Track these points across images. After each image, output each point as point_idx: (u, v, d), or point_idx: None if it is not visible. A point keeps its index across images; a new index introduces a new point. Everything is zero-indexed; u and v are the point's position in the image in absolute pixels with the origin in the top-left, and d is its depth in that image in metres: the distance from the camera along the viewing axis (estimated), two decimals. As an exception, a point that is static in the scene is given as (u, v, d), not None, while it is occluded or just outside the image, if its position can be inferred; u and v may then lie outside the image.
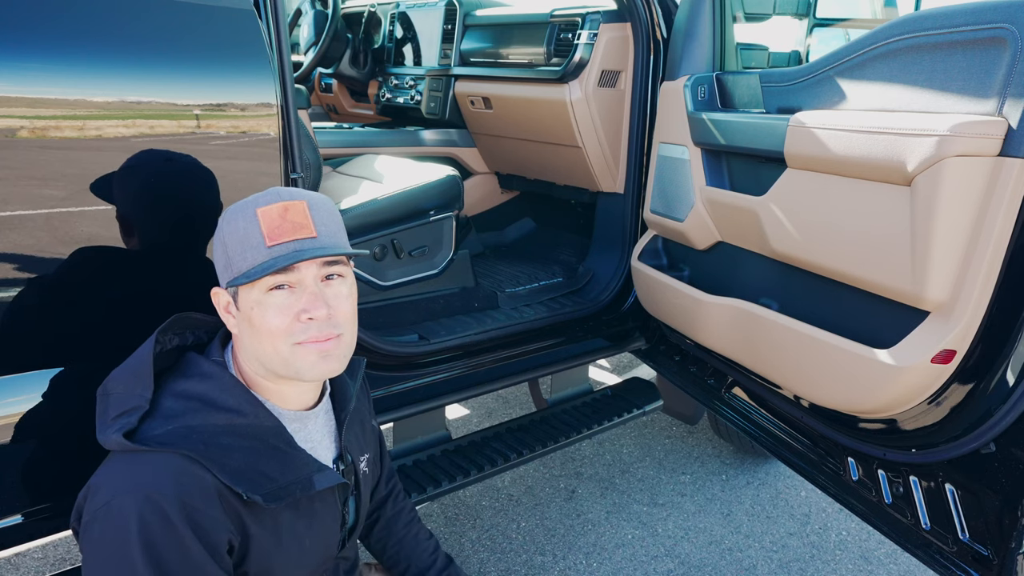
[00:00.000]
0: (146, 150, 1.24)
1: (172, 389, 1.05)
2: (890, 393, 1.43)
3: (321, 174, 2.20)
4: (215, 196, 1.32)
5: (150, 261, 1.32)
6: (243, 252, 1.03)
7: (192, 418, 1.01)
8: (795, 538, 2.45)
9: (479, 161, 3.12)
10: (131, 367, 1.05)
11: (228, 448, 1.01)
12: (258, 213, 1.03)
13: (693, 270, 2.11)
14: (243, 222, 1.04)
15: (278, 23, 1.37)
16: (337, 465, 1.19)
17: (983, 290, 1.30)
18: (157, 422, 1.00)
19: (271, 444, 1.06)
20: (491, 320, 2.22)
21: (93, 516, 0.94)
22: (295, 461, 1.08)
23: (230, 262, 1.05)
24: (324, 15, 3.09)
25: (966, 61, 1.29)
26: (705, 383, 2.19)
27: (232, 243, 1.04)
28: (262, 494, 1.00)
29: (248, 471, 1.01)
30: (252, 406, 1.06)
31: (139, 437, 0.98)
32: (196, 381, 1.05)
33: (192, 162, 1.30)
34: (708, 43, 2.01)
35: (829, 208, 1.51)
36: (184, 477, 0.95)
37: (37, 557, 2.23)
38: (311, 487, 1.07)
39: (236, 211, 1.06)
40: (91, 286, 1.28)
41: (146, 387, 1.02)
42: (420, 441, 2.07)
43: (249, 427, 1.04)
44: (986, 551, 1.41)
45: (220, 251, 1.07)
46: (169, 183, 1.31)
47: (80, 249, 1.22)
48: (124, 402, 1.01)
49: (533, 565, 2.28)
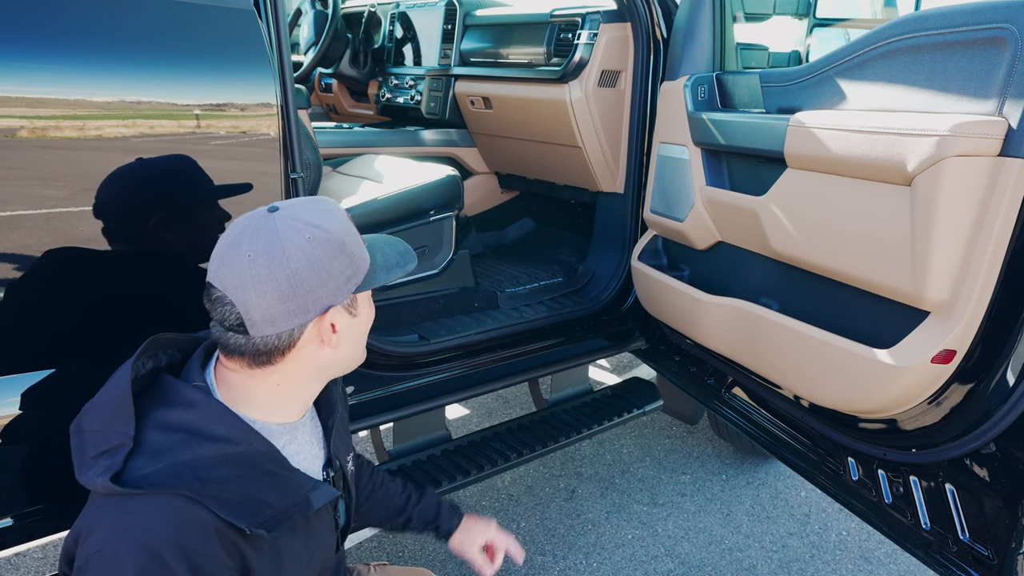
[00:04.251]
0: (141, 150, 1.24)
1: (156, 420, 0.97)
2: (890, 393, 1.43)
3: (321, 174, 2.20)
4: (216, 197, 1.32)
5: (149, 261, 1.32)
6: (363, 252, 1.03)
7: (182, 452, 0.94)
8: (795, 538, 2.45)
9: (479, 161, 3.12)
10: (107, 401, 0.97)
11: (224, 480, 0.94)
12: (343, 212, 1.03)
13: (693, 270, 2.11)
14: (340, 220, 1.01)
15: (278, 23, 1.37)
16: (327, 472, 1.17)
17: (983, 290, 1.30)
18: (144, 459, 0.93)
19: (266, 469, 1.00)
20: (491, 320, 2.22)
21: (85, 562, 0.88)
22: (292, 483, 1.03)
23: (355, 266, 1.01)
24: (324, 15, 3.09)
25: (966, 61, 1.29)
26: (705, 383, 2.19)
27: (353, 244, 1.01)
28: (263, 524, 0.95)
29: (247, 502, 0.95)
30: (244, 433, 0.99)
31: (127, 478, 0.91)
32: (181, 410, 0.97)
33: (191, 163, 1.30)
34: (708, 43, 2.01)
35: (829, 208, 1.51)
36: (181, 520, 0.89)
37: (37, 557, 2.23)
38: (310, 507, 1.03)
39: (323, 214, 1.00)
40: (90, 286, 1.28)
41: (126, 422, 0.94)
42: (420, 441, 2.07)
43: (242, 455, 0.98)
44: (986, 551, 1.41)
45: (339, 260, 0.99)
46: (167, 183, 1.31)
47: (80, 249, 1.22)
48: (105, 440, 0.93)
49: (533, 565, 2.28)
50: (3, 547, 1.29)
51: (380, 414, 1.92)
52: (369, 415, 1.89)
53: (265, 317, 0.95)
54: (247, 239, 0.95)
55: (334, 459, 1.18)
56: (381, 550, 2.33)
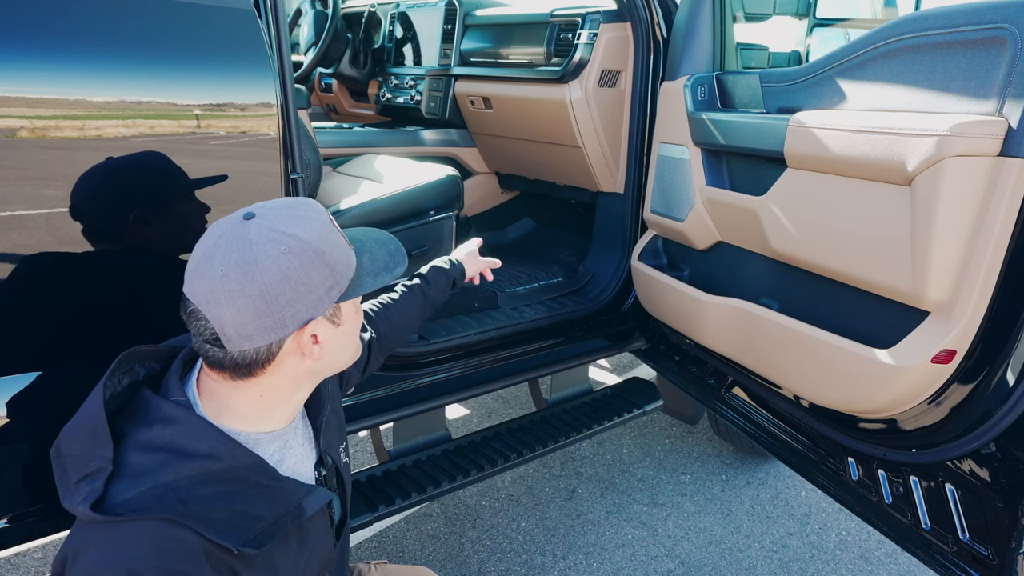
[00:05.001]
0: (141, 150, 1.24)
1: (135, 440, 0.94)
2: (890, 393, 1.43)
3: (321, 174, 2.20)
4: (213, 196, 1.32)
5: (148, 261, 1.32)
6: (347, 258, 0.98)
7: (163, 474, 0.91)
8: (795, 538, 2.45)
9: (479, 161, 3.12)
10: (83, 424, 0.94)
11: (209, 499, 0.92)
12: (327, 218, 0.99)
13: (693, 270, 2.11)
14: (319, 227, 0.97)
15: (278, 23, 1.37)
16: (319, 471, 1.15)
17: (983, 290, 1.30)
18: (126, 483, 0.90)
19: (254, 483, 0.98)
20: (491, 320, 2.22)
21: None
22: (282, 493, 1.01)
23: (336, 275, 0.97)
24: (324, 15, 3.10)
25: (966, 61, 1.29)
26: (705, 383, 2.19)
27: (334, 251, 0.96)
28: (253, 540, 0.92)
29: (235, 519, 0.92)
30: (227, 447, 0.96)
31: (109, 504, 0.89)
32: (160, 428, 0.94)
33: (190, 163, 1.30)
34: (708, 43, 2.01)
35: (829, 208, 1.51)
36: (165, 543, 0.86)
37: (37, 557, 2.23)
38: (302, 514, 1.01)
39: (300, 222, 0.96)
40: (89, 286, 1.28)
41: (103, 445, 0.91)
42: (420, 441, 2.07)
43: (226, 471, 0.95)
44: (986, 551, 1.41)
45: (318, 271, 0.95)
46: (167, 183, 1.31)
47: (80, 250, 1.22)
48: (84, 465, 0.91)
49: (533, 565, 2.28)
50: (3, 547, 1.29)
51: (380, 414, 1.92)
52: (369, 415, 1.89)
53: (240, 333, 0.91)
54: (220, 251, 0.91)
55: (325, 456, 1.17)
56: (381, 550, 2.33)
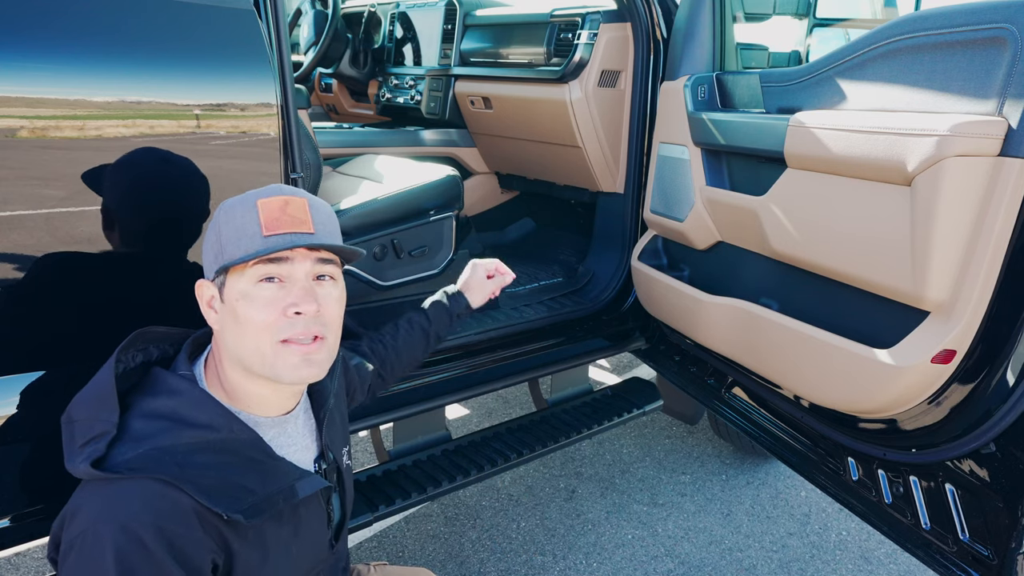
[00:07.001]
0: (141, 149, 1.24)
1: (140, 409, 1.00)
2: (890, 393, 1.43)
3: (321, 174, 2.20)
4: (213, 196, 1.32)
5: (148, 261, 1.32)
6: (238, 240, 1.00)
7: (163, 439, 0.97)
8: (795, 538, 2.45)
9: (479, 161, 3.12)
10: (93, 391, 1.00)
11: (204, 466, 0.96)
12: (258, 204, 1.01)
13: (693, 270, 2.11)
14: (241, 211, 1.01)
15: (278, 23, 1.37)
16: (319, 465, 1.17)
17: (983, 290, 1.30)
18: (127, 446, 0.96)
19: (248, 457, 1.02)
20: (491, 320, 2.22)
21: (69, 545, 0.91)
22: (276, 471, 1.04)
23: (222, 250, 1.01)
24: (324, 15, 3.09)
25: (966, 61, 1.29)
26: (705, 383, 2.19)
27: (228, 231, 1.01)
28: (243, 510, 0.96)
29: (227, 488, 0.97)
30: (225, 420, 1.01)
31: (109, 464, 0.94)
32: (164, 398, 1.00)
33: (189, 163, 1.30)
34: (708, 43, 2.01)
35: (829, 208, 1.51)
36: (159, 502, 0.91)
37: (37, 557, 2.23)
38: (294, 495, 1.04)
39: (235, 202, 1.04)
40: (89, 286, 1.28)
41: (111, 411, 0.97)
42: (420, 441, 2.07)
43: (223, 442, 1.00)
44: (986, 551, 1.41)
45: (212, 240, 1.03)
46: (167, 183, 1.31)
47: (80, 250, 1.22)
48: (90, 428, 0.96)
49: (533, 565, 2.28)
50: (3, 547, 1.29)
51: (380, 414, 1.92)
52: (369, 415, 1.89)
53: None
54: None
55: (327, 452, 1.18)
56: (381, 550, 2.33)
